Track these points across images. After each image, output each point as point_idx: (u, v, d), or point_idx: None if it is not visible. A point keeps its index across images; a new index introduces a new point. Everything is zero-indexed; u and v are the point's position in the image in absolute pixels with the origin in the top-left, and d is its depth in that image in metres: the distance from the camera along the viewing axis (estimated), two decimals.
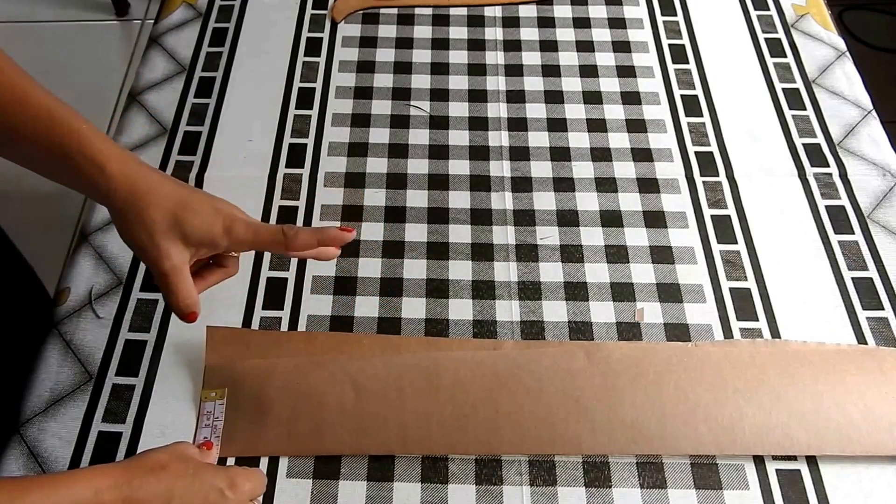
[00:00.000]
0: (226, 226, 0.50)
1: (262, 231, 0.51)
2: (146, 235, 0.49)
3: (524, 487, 0.55)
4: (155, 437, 0.57)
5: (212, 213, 0.50)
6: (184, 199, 0.49)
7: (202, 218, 0.49)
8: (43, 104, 0.50)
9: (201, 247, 0.50)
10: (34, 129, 0.49)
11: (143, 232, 0.49)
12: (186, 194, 0.50)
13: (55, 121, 0.49)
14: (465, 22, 0.87)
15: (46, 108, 0.50)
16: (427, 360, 0.60)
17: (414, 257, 0.67)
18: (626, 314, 0.64)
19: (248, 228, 0.50)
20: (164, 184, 0.50)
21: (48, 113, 0.50)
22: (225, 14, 0.89)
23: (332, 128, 0.77)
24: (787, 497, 0.54)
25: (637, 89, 0.80)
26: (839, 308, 0.64)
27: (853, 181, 0.73)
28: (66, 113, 0.50)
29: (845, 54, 0.84)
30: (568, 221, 0.70)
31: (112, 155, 0.49)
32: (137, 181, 0.49)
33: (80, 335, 0.63)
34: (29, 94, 0.50)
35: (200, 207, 0.50)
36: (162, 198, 0.49)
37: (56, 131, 0.49)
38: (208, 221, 0.49)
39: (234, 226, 0.50)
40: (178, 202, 0.49)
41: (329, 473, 0.56)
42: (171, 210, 0.49)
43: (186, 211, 0.49)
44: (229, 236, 0.50)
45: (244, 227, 0.50)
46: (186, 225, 0.49)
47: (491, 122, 0.78)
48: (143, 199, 0.49)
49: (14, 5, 1.98)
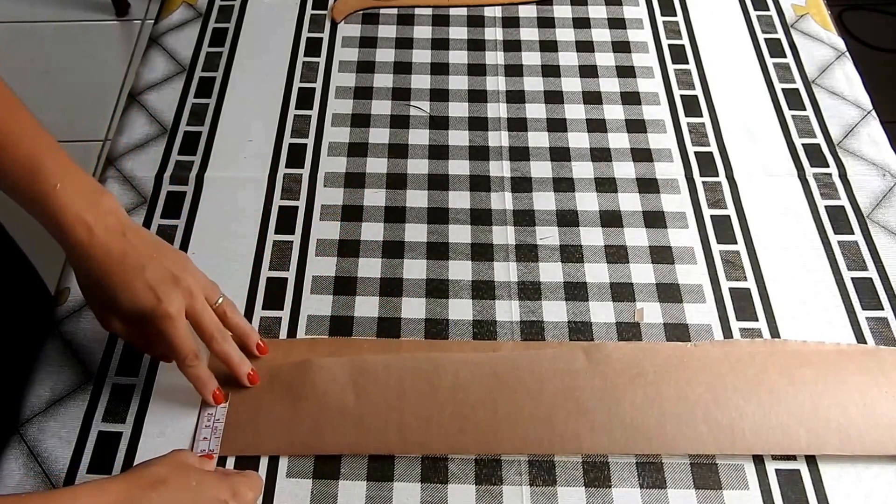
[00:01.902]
0: (158, 315, 0.52)
1: (174, 343, 0.53)
2: (92, 300, 0.54)
3: (524, 487, 0.55)
4: (155, 437, 0.57)
5: (148, 300, 0.52)
6: (124, 278, 0.52)
7: (135, 302, 0.52)
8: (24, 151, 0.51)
9: (132, 322, 0.54)
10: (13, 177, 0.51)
11: (90, 296, 0.54)
12: (129, 273, 0.52)
13: (33, 173, 0.51)
14: (465, 22, 0.87)
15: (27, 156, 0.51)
16: (427, 361, 0.60)
17: (414, 257, 0.67)
18: (626, 314, 0.64)
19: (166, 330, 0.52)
20: (115, 255, 0.52)
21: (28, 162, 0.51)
22: (225, 14, 0.89)
23: (332, 128, 0.77)
24: (787, 497, 0.55)
25: (637, 89, 0.80)
26: (839, 308, 0.64)
27: (853, 181, 0.73)
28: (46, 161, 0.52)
29: (845, 54, 0.84)
30: (568, 221, 0.70)
31: (75, 218, 0.51)
32: (91, 251, 0.51)
33: (80, 335, 0.63)
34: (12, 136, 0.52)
35: (138, 290, 0.52)
36: (105, 273, 0.52)
37: (32, 185, 0.51)
38: (139, 306, 0.52)
39: (161, 322, 0.52)
40: (120, 279, 0.52)
41: (329, 473, 0.56)
42: (110, 286, 0.52)
43: (123, 291, 0.52)
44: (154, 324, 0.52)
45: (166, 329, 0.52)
46: (119, 303, 0.52)
47: (491, 123, 0.78)
48: (91, 270, 0.52)
49: (14, 5, 1.98)
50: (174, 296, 0.52)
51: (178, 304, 0.52)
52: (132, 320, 0.53)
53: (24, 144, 0.51)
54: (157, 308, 0.51)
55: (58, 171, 0.51)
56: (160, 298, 0.52)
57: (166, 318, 0.52)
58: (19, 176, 0.51)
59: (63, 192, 0.51)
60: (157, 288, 0.52)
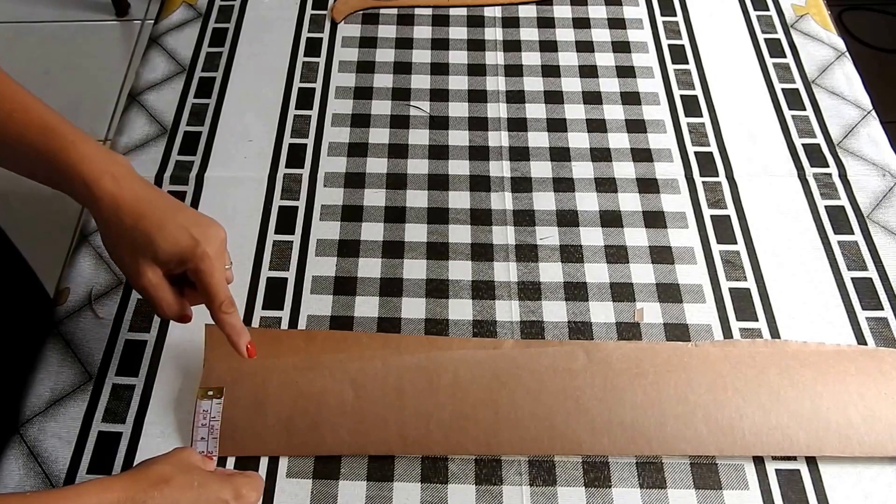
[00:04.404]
0: (198, 254, 0.51)
1: (213, 285, 0.52)
2: (124, 251, 0.51)
3: (524, 487, 0.55)
4: (155, 438, 0.57)
5: (185, 239, 0.51)
6: (160, 221, 0.50)
7: (173, 242, 0.50)
8: (36, 113, 0.51)
9: (171, 266, 0.52)
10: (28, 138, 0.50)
11: (121, 247, 0.52)
12: (164, 215, 0.51)
13: (48, 130, 0.50)
14: (464, 22, 0.87)
15: (40, 118, 0.51)
16: (426, 360, 0.60)
17: (414, 257, 0.67)
18: (626, 314, 0.64)
19: (207, 273, 0.51)
20: (146, 201, 0.51)
21: (42, 122, 0.50)
22: (225, 14, 0.89)
23: (332, 128, 0.77)
24: (787, 497, 0.55)
25: (637, 89, 0.80)
26: (839, 308, 0.64)
27: (853, 181, 0.73)
28: (60, 124, 0.51)
29: (845, 54, 0.84)
30: (568, 221, 0.70)
31: (100, 170, 0.50)
32: (120, 199, 0.50)
33: (80, 335, 0.63)
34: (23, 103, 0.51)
35: (174, 230, 0.50)
36: (139, 217, 0.50)
37: (49, 142, 0.50)
38: (179, 246, 0.50)
39: (203, 261, 0.51)
40: (155, 222, 0.50)
41: (329, 473, 0.56)
42: (145, 230, 0.50)
43: (159, 232, 0.50)
44: (193, 266, 0.51)
45: (207, 269, 0.51)
46: (156, 246, 0.50)
47: (491, 123, 0.78)
48: (124, 218, 0.50)
49: (14, 5, 1.98)
50: (211, 237, 0.52)
51: (215, 245, 0.52)
52: (168, 265, 0.51)
53: (35, 109, 0.51)
54: (197, 247, 0.50)
55: (71, 131, 0.51)
56: (197, 239, 0.51)
57: (206, 257, 0.51)
58: (35, 137, 0.50)
59: (83, 146, 0.50)
60: (191, 229, 0.51)
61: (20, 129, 0.50)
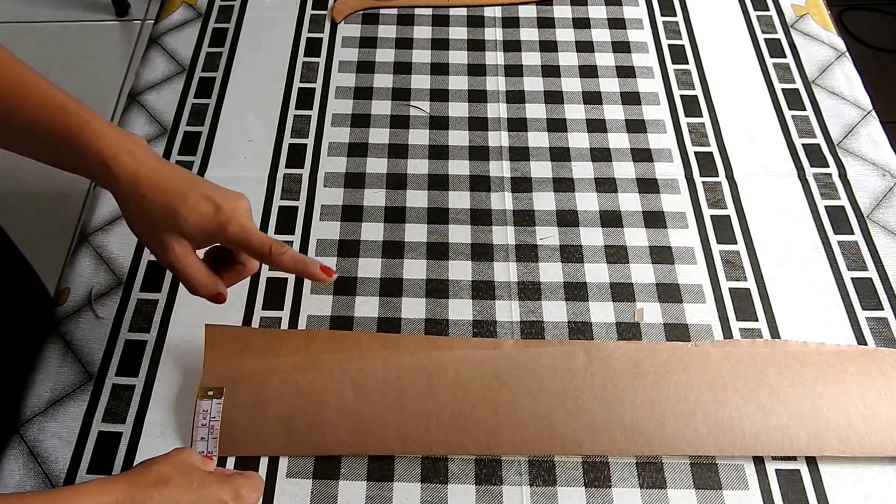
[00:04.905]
0: (221, 221, 0.50)
1: (253, 239, 0.51)
2: (148, 227, 0.51)
3: (524, 487, 0.55)
4: (155, 438, 0.57)
5: (207, 207, 0.50)
6: (181, 192, 0.50)
7: (196, 212, 0.50)
8: (50, 94, 0.50)
9: (198, 238, 0.51)
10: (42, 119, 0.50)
11: (145, 224, 0.51)
12: (185, 187, 0.51)
13: (63, 110, 0.50)
14: (464, 22, 0.87)
15: (54, 98, 0.50)
16: (426, 360, 0.60)
17: (414, 257, 0.67)
18: (626, 314, 0.64)
19: (241, 231, 0.51)
20: (165, 175, 0.50)
21: (56, 102, 0.50)
22: (225, 14, 0.89)
23: (332, 128, 0.77)
24: (787, 497, 0.55)
25: (637, 90, 0.80)
26: (839, 308, 0.64)
27: (853, 181, 0.73)
28: (74, 105, 0.50)
29: (845, 55, 0.84)
30: (568, 221, 0.70)
31: (117, 146, 0.50)
32: (139, 174, 0.50)
33: (80, 335, 0.63)
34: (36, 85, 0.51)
35: (196, 201, 0.50)
36: (160, 191, 0.50)
37: (64, 122, 0.50)
38: (202, 216, 0.50)
39: (230, 224, 0.51)
40: (177, 194, 0.50)
41: (329, 473, 0.56)
42: (167, 203, 0.50)
43: (182, 204, 0.50)
44: (223, 233, 0.51)
45: (238, 229, 0.51)
46: (180, 218, 0.50)
47: (491, 123, 0.78)
48: (145, 193, 0.50)
49: (14, 5, 1.98)
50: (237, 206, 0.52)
51: (241, 212, 0.52)
52: (196, 238, 0.51)
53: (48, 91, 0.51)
54: (220, 213, 0.50)
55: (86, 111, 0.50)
56: (220, 204, 0.50)
57: (232, 220, 0.50)
58: (50, 118, 0.50)
59: (98, 124, 0.50)
60: (214, 198, 0.51)
61: (35, 111, 0.50)
